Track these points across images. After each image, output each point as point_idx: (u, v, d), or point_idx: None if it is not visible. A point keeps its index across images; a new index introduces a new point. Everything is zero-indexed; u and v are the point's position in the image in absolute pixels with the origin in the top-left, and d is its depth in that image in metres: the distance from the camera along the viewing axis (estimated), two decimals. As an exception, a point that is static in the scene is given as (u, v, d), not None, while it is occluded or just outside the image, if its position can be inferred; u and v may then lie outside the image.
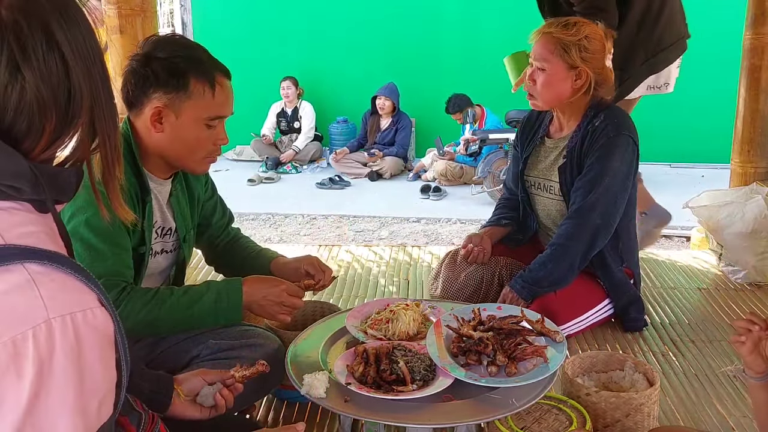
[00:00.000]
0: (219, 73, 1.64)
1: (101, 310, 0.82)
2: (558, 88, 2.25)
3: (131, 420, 1.09)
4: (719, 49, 6.87)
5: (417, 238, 5.35)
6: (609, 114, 2.27)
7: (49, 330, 0.76)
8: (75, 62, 0.83)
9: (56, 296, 0.79)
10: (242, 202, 6.36)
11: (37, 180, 0.83)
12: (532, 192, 2.51)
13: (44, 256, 0.80)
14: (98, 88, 0.86)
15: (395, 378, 1.56)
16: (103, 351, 0.82)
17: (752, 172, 3.33)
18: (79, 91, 0.84)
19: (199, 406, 1.40)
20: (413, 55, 7.83)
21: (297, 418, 1.88)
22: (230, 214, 2.11)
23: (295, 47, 8.08)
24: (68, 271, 0.81)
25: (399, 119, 7.47)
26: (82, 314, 0.79)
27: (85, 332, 0.79)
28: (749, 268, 2.88)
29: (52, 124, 0.84)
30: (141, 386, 1.30)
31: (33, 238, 0.82)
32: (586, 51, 2.20)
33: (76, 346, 0.78)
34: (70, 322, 0.78)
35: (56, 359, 0.76)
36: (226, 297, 1.67)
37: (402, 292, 2.90)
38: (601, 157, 2.23)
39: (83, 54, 0.84)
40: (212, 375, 1.43)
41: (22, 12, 0.80)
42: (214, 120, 1.65)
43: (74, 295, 0.81)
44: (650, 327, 2.49)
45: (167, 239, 1.82)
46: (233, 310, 1.68)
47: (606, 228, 2.26)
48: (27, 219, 0.84)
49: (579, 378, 1.81)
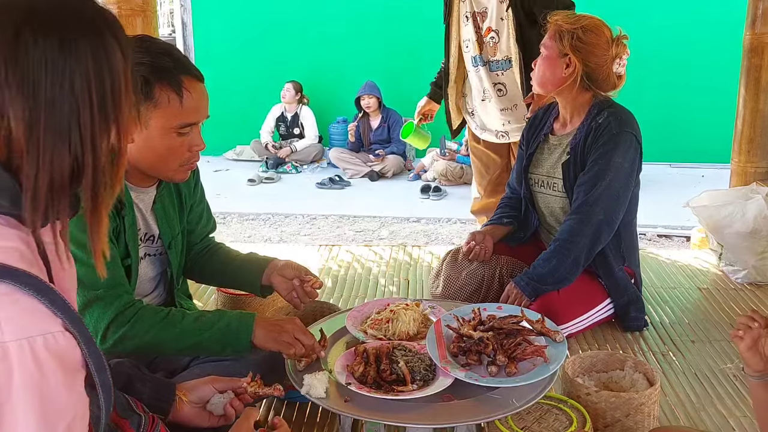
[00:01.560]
0: (188, 77, 1.55)
1: (64, 335, 0.80)
2: (548, 72, 2.31)
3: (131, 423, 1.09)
4: (719, 49, 6.87)
5: (417, 238, 5.35)
6: (613, 111, 2.29)
7: (5, 355, 0.74)
8: (9, 86, 0.80)
9: (14, 319, 0.76)
10: (242, 202, 6.36)
11: (18, 195, 0.81)
12: (535, 189, 2.52)
13: (10, 276, 0.77)
14: (36, 115, 0.80)
15: (395, 378, 1.56)
16: (67, 376, 0.80)
17: (752, 171, 3.34)
18: (11, 114, 0.80)
19: (208, 413, 1.38)
20: (413, 55, 7.83)
21: (297, 418, 1.88)
22: (214, 223, 2.05)
23: (295, 47, 8.07)
24: (32, 294, 0.78)
25: (388, 115, 7.48)
26: (42, 339, 0.77)
27: (45, 357, 0.77)
28: (749, 268, 2.88)
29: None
30: (141, 391, 1.30)
31: (4, 254, 0.79)
32: (579, 40, 2.23)
33: (36, 372, 0.76)
34: (27, 347, 0.76)
35: (15, 387, 0.75)
36: (236, 333, 1.61)
37: (402, 292, 2.89)
38: (604, 153, 2.25)
39: (35, 79, 0.80)
40: (223, 383, 1.41)
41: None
42: (185, 127, 1.58)
43: (35, 319, 0.78)
44: (650, 327, 2.48)
45: (150, 244, 1.78)
46: (241, 347, 1.62)
47: (609, 224, 2.27)
48: (4, 234, 0.82)
49: (579, 378, 1.81)
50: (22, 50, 0.79)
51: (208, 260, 1.98)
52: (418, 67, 7.84)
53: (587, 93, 2.32)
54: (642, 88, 6.58)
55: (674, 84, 7.42)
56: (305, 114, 7.81)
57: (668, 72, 7.35)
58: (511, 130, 2.97)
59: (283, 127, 7.86)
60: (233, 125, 8.07)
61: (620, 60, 2.28)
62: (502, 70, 2.87)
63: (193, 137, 1.62)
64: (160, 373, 1.68)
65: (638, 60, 2.87)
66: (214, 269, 1.97)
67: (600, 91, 2.32)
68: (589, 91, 2.32)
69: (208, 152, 9.47)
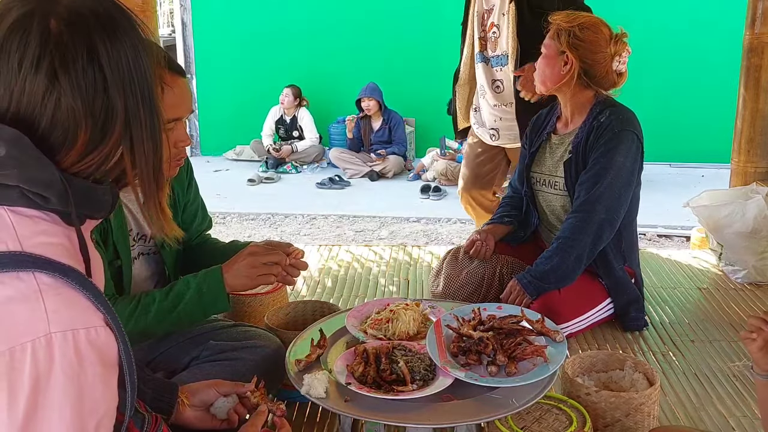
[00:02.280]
0: (169, 73, 1.52)
1: (105, 330, 0.82)
2: (547, 69, 2.33)
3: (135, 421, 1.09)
4: (719, 49, 6.87)
5: (417, 237, 5.35)
6: (614, 110, 2.30)
7: (49, 344, 0.76)
8: (113, 78, 0.84)
9: (60, 310, 0.78)
10: (242, 202, 6.37)
11: (65, 191, 0.83)
12: (536, 188, 2.53)
13: (56, 269, 0.80)
14: (137, 107, 0.86)
15: (395, 378, 1.56)
16: (105, 370, 0.81)
17: (752, 171, 3.34)
18: (114, 106, 0.84)
19: (211, 416, 1.37)
20: (413, 55, 7.83)
21: (297, 418, 1.88)
22: (209, 222, 2.04)
23: (295, 47, 8.07)
24: (77, 288, 0.81)
25: (390, 117, 7.47)
26: (85, 332, 0.79)
27: (86, 350, 0.78)
28: (749, 268, 2.88)
29: (85, 136, 0.84)
30: (143, 391, 1.30)
31: (51, 249, 0.82)
32: (576, 38, 2.25)
33: (76, 364, 0.77)
34: (71, 339, 0.77)
35: (54, 375, 0.76)
36: (208, 290, 1.62)
37: (402, 292, 2.90)
38: (605, 152, 2.26)
39: (122, 71, 0.85)
40: (226, 387, 1.40)
41: (69, 24, 0.82)
42: (169, 123, 1.54)
43: (79, 312, 0.80)
44: (650, 327, 2.49)
45: (143, 243, 1.77)
46: (218, 300, 1.63)
47: (610, 223, 2.27)
48: (50, 229, 0.84)
49: (579, 378, 1.81)
50: (115, 53, 0.85)
51: (200, 255, 1.96)
52: (419, 68, 7.86)
53: (588, 91, 2.33)
54: (642, 88, 6.59)
55: (674, 84, 7.42)
56: (303, 116, 7.80)
57: (668, 72, 7.35)
58: (502, 129, 2.95)
59: (282, 130, 7.86)
60: (233, 125, 8.08)
61: (620, 57, 2.28)
62: (500, 66, 2.87)
63: (177, 133, 1.59)
64: (160, 373, 1.68)
65: (638, 59, 2.87)
66: (203, 263, 1.95)
67: (600, 89, 2.33)
68: (590, 90, 2.33)
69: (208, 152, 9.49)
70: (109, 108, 0.84)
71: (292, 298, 2.72)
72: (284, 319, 2.09)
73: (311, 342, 1.72)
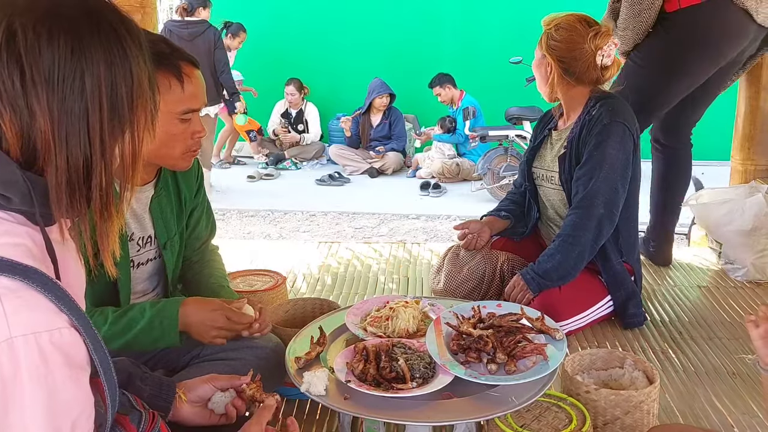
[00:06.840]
0: (185, 63, 1.55)
1: (70, 331, 0.81)
2: (537, 76, 2.41)
3: (131, 419, 1.08)
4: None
5: (416, 235, 5.35)
6: (606, 103, 2.31)
7: (12, 349, 0.75)
8: (34, 84, 0.82)
9: (21, 314, 0.77)
10: (242, 198, 6.37)
11: (29, 191, 0.82)
12: (537, 183, 2.56)
13: (17, 272, 0.78)
14: (54, 114, 0.83)
15: (395, 375, 1.56)
16: (73, 372, 0.81)
17: (752, 169, 3.33)
18: (37, 112, 0.82)
19: (209, 412, 1.36)
20: (413, 53, 7.82)
21: (297, 415, 1.88)
22: (213, 228, 2.00)
23: (295, 45, 8.07)
24: (38, 290, 0.79)
25: (390, 112, 7.48)
26: (48, 334, 0.78)
27: (51, 352, 0.78)
28: (748, 266, 2.88)
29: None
30: (141, 389, 1.30)
31: (12, 250, 0.81)
32: (553, 39, 2.30)
33: (42, 366, 0.77)
34: (34, 342, 0.77)
35: (20, 380, 0.75)
36: (160, 325, 1.58)
37: (401, 290, 2.90)
38: (597, 144, 2.27)
39: (49, 77, 0.82)
40: (222, 381, 1.39)
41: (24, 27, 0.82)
42: (188, 113, 1.57)
43: (41, 315, 0.79)
44: (650, 324, 2.49)
45: (149, 248, 1.74)
46: (168, 337, 1.60)
47: (609, 217, 2.28)
48: (12, 230, 0.83)
49: (579, 376, 1.81)
50: (37, 48, 0.81)
51: (198, 272, 1.93)
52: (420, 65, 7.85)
53: (580, 88, 2.36)
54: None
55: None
56: (310, 110, 7.82)
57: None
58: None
59: (287, 123, 7.86)
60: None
61: (603, 51, 2.28)
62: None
63: (194, 123, 1.61)
64: (159, 371, 1.67)
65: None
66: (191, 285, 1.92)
67: (585, 85, 2.34)
68: (582, 86, 2.35)
69: (208, 149, 9.29)
70: (31, 112, 0.83)
71: (291, 295, 2.72)
72: (284, 317, 2.09)
73: (311, 339, 1.72)
